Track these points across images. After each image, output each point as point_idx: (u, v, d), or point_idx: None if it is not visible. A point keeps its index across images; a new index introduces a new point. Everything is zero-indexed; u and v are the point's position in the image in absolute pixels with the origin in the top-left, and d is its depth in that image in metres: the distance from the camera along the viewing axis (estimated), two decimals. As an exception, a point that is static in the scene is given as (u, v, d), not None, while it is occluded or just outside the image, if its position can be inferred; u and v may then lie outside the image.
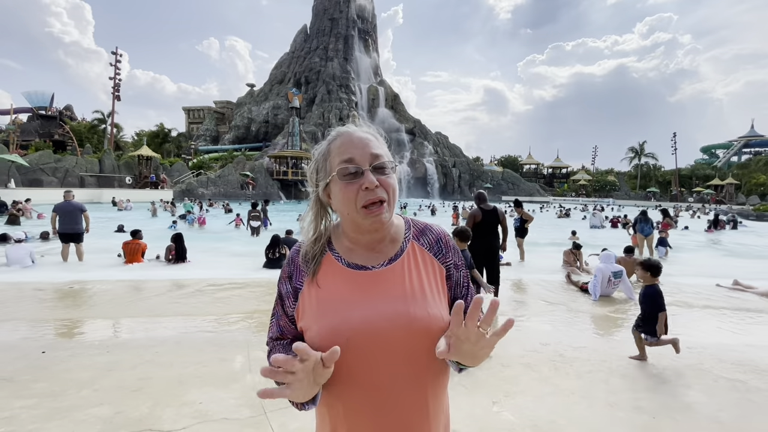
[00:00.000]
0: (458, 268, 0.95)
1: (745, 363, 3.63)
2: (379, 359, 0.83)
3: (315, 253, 0.91)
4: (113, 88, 42.00)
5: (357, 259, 0.90)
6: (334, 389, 0.86)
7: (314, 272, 0.90)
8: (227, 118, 71.35)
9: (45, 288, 5.76)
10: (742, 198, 51.03)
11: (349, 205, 0.84)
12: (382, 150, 0.88)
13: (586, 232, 16.22)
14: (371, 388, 0.84)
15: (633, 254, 7.60)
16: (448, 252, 0.95)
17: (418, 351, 0.84)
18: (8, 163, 26.97)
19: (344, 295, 0.86)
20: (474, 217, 5.47)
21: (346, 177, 0.83)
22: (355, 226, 0.88)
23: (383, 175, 0.85)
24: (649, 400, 2.92)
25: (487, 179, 63.86)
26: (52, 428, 2.39)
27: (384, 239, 0.92)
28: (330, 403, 0.88)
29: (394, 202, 0.87)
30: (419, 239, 0.95)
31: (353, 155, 0.84)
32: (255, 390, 2.83)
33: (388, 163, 0.86)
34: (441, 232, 0.98)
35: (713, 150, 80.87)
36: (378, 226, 0.86)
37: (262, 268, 7.78)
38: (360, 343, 0.82)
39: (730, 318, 5.16)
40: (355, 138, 0.87)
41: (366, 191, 0.82)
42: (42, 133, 44.77)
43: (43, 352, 3.49)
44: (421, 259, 0.92)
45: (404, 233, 0.94)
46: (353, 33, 71.28)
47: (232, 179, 41.29)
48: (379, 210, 0.83)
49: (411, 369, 0.84)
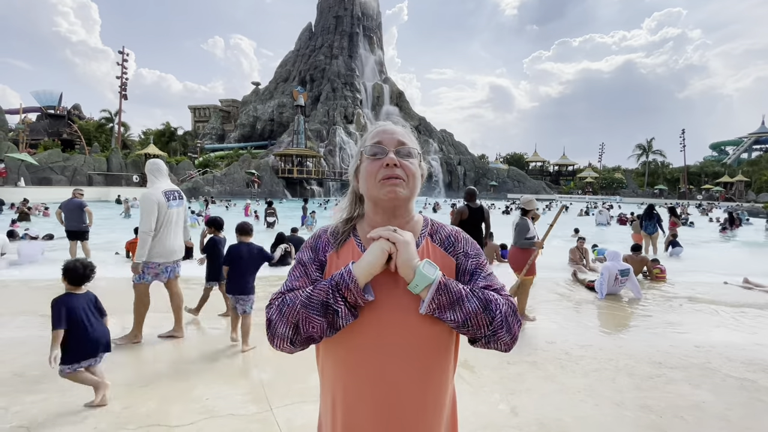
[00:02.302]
0: (468, 256, 0.96)
1: (754, 362, 3.58)
2: (385, 350, 0.86)
3: (344, 230, 0.98)
4: (120, 87, 42.33)
5: None
6: (340, 374, 0.90)
7: (339, 245, 0.95)
8: (233, 116, 71.62)
9: (54, 285, 5.84)
10: (752, 195, 50.29)
11: (370, 179, 0.91)
12: (410, 140, 0.96)
13: (593, 230, 16.10)
14: (374, 378, 0.87)
15: (640, 252, 7.53)
16: (458, 243, 0.97)
17: (422, 346, 0.87)
18: (18, 161, 27.33)
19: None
20: (461, 214, 5.60)
21: (372, 156, 0.92)
22: (374, 206, 0.94)
23: (406, 159, 0.92)
24: (656, 399, 2.90)
25: (493, 177, 63.55)
26: (61, 423, 2.42)
27: (402, 228, 0.93)
28: (334, 388, 0.92)
29: (412, 185, 0.92)
30: (433, 237, 0.98)
31: (382, 139, 0.93)
32: (262, 386, 2.85)
33: (412, 150, 0.94)
34: (453, 230, 1.01)
35: (723, 147, 79.73)
36: (392, 199, 0.89)
37: (268, 266, 7.81)
38: (367, 330, 0.86)
39: (739, 316, 5.10)
40: (387, 127, 0.96)
41: (386, 168, 0.89)
42: (51, 132, 45.31)
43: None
44: (433, 255, 0.94)
45: (421, 229, 0.98)
46: (358, 30, 71.10)
47: (238, 177, 41.47)
48: (395, 182, 0.89)
49: (415, 363, 0.86)
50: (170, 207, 3.78)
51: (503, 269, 8.03)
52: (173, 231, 3.85)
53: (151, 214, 3.62)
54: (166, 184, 3.89)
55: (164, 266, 3.84)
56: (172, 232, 3.84)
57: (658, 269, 7.13)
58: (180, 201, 3.99)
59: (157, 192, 3.73)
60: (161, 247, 3.75)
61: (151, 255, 3.70)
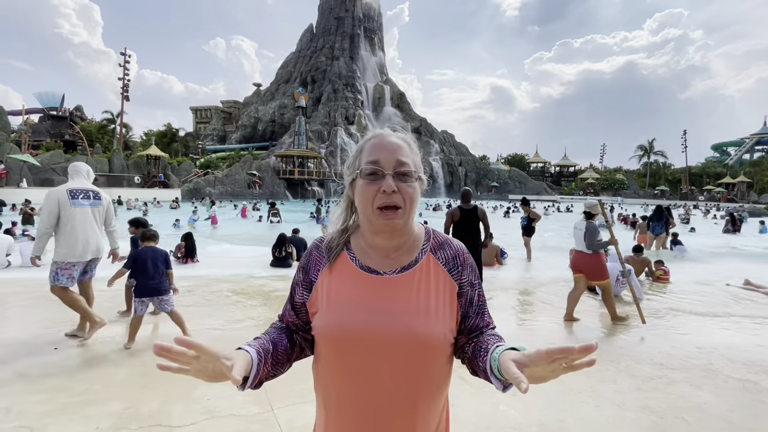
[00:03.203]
0: (473, 286, 0.93)
1: (756, 363, 3.58)
2: (376, 365, 0.84)
3: (339, 243, 0.94)
4: (122, 88, 42.49)
5: (370, 262, 0.91)
6: (331, 386, 0.91)
7: (333, 260, 0.92)
8: (234, 117, 71.80)
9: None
10: (754, 196, 50.15)
11: (366, 204, 0.86)
12: (411, 159, 0.88)
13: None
14: (363, 394, 0.86)
15: (642, 253, 7.52)
16: (464, 270, 0.93)
17: (414, 363, 0.84)
18: (20, 163, 27.44)
19: (352, 296, 0.88)
20: (452, 216, 5.61)
21: (368, 177, 0.86)
22: (370, 226, 0.90)
23: (404, 182, 0.85)
24: (657, 400, 2.90)
25: (494, 178, 63.52)
26: (64, 422, 2.43)
27: (400, 247, 0.91)
28: (324, 397, 0.93)
29: (410, 210, 0.87)
30: (436, 252, 0.93)
31: (380, 158, 0.86)
32: (263, 387, 2.84)
33: (412, 173, 0.87)
34: (460, 248, 0.96)
35: (724, 147, 79.59)
36: (390, 230, 0.87)
37: (270, 267, 7.83)
38: (359, 346, 0.84)
39: (740, 318, 5.09)
40: (386, 141, 0.89)
41: (383, 194, 0.84)
42: (53, 133, 45.46)
43: (56, 348, 3.55)
44: (434, 273, 0.90)
45: (422, 244, 0.93)
46: (359, 32, 71.26)
47: (239, 178, 41.55)
48: (392, 215, 0.84)
49: (405, 381, 0.85)
50: (74, 205, 3.66)
51: (505, 271, 8.03)
52: (82, 230, 3.70)
53: (49, 213, 3.58)
54: (76, 183, 3.78)
55: (79, 266, 3.75)
56: (81, 232, 3.69)
57: (661, 270, 7.12)
58: (93, 201, 3.81)
59: (59, 190, 3.68)
60: (69, 247, 3.64)
61: (60, 255, 3.64)
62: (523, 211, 9.44)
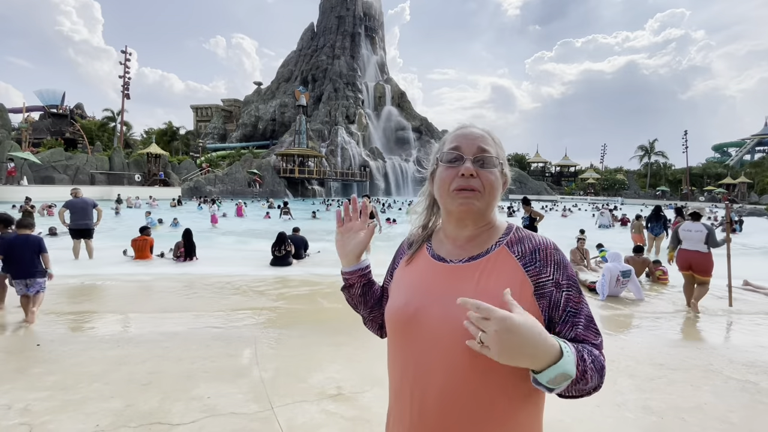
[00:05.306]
0: (560, 287, 0.80)
1: (756, 364, 3.58)
2: (431, 352, 0.81)
3: (419, 239, 0.97)
4: (122, 86, 42.42)
5: (442, 251, 0.91)
6: (392, 368, 0.92)
7: (413, 254, 0.96)
8: (235, 116, 71.73)
9: (57, 283, 5.85)
10: (755, 197, 50.12)
11: (443, 187, 0.86)
12: (492, 148, 0.87)
13: (595, 233, 16.05)
14: (416, 379, 0.83)
15: (642, 253, 7.52)
16: (545, 266, 0.81)
17: (470, 357, 0.75)
18: (21, 160, 27.43)
19: (416, 282, 0.89)
20: None
21: (449, 162, 0.86)
22: (447, 214, 0.90)
23: (484, 169, 0.84)
24: (657, 400, 2.90)
25: (494, 177, 63.33)
26: (64, 420, 2.43)
27: (474, 238, 0.88)
28: (391, 381, 0.93)
29: (490, 197, 0.84)
30: (512, 246, 0.85)
31: (461, 144, 0.86)
32: (263, 385, 2.87)
33: (493, 159, 0.85)
34: (543, 243, 0.84)
35: (725, 148, 79.44)
36: (464, 212, 0.84)
37: (269, 266, 7.83)
38: (417, 330, 0.84)
39: (740, 318, 5.09)
40: (468, 131, 0.89)
41: (461, 178, 0.83)
42: (53, 131, 45.44)
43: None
44: (504, 266, 0.82)
45: (500, 237, 0.87)
46: (360, 31, 71.13)
47: (240, 177, 41.54)
48: (470, 194, 0.83)
49: (458, 372, 0.78)
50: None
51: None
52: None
53: None
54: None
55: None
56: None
57: (660, 271, 7.12)
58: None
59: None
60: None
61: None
62: (524, 211, 9.42)
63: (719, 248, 5.38)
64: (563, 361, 0.67)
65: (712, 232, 5.25)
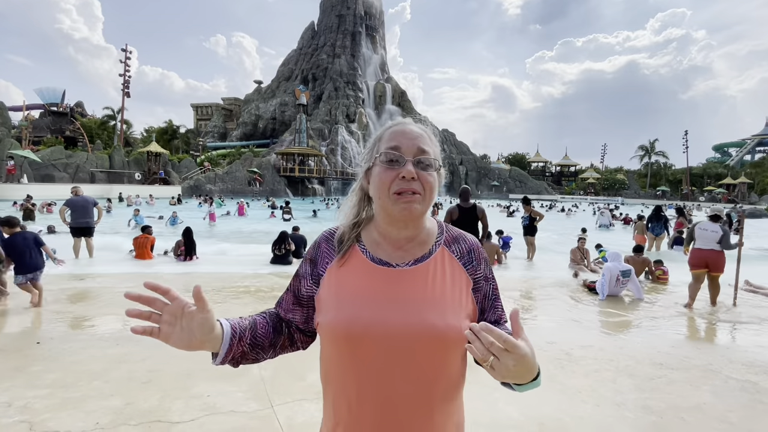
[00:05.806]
0: (488, 280, 0.92)
1: (755, 364, 3.58)
2: (390, 361, 0.81)
3: (350, 237, 0.91)
4: (123, 84, 42.42)
5: (382, 254, 0.88)
6: (341, 383, 0.85)
7: (343, 255, 0.89)
8: (235, 114, 71.68)
9: (57, 281, 5.86)
10: (755, 197, 50.10)
11: (383, 189, 0.83)
12: (431, 148, 0.86)
13: (595, 233, 16.06)
14: (378, 389, 0.82)
15: (642, 253, 7.52)
16: (479, 264, 0.91)
17: (430, 358, 0.81)
18: (21, 158, 27.42)
19: (363, 290, 0.84)
20: (450, 214, 5.67)
21: (388, 163, 0.83)
22: (385, 215, 0.86)
23: (424, 171, 0.83)
24: (657, 400, 2.90)
25: (494, 177, 63.48)
26: (64, 418, 2.44)
27: (413, 239, 0.89)
28: (336, 396, 0.87)
29: (429, 199, 0.84)
30: (450, 246, 0.91)
31: (400, 143, 0.84)
32: (263, 384, 2.87)
33: (432, 161, 0.85)
34: (474, 243, 0.94)
35: (726, 148, 79.36)
36: (406, 216, 0.83)
37: (270, 264, 7.84)
38: (372, 342, 0.81)
39: (740, 318, 5.09)
40: (407, 129, 0.87)
41: (402, 180, 0.81)
42: (54, 129, 45.45)
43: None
44: (449, 267, 0.88)
45: (436, 237, 0.91)
46: (360, 30, 71.00)
47: (240, 176, 41.53)
48: (410, 198, 0.81)
49: (421, 375, 0.81)
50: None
51: (506, 271, 8.03)
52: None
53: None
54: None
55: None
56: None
57: (660, 270, 7.12)
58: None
59: None
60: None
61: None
62: (524, 211, 9.42)
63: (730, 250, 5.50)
64: (540, 376, 0.76)
65: (727, 234, 5.43)
